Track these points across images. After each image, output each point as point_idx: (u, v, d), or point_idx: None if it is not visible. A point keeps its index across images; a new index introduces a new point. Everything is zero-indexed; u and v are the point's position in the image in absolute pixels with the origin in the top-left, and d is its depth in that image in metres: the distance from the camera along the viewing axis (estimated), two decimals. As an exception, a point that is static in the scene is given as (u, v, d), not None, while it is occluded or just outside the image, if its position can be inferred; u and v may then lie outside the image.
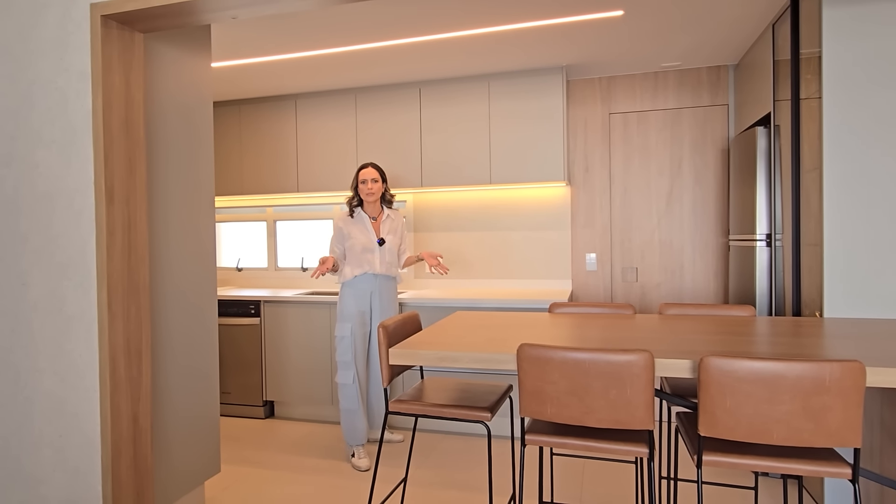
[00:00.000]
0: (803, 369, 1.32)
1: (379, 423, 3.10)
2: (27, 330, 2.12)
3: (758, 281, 2.88)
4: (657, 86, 3.76)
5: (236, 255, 4.64)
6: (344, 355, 3.03)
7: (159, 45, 2.29)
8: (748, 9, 2.74)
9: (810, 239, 2.44)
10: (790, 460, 1.39)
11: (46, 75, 2.07)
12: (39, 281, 2.10)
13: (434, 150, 3.80)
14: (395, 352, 1.69)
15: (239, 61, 3.38)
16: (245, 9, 1.96)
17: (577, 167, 3.92)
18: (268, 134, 4.19)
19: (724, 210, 3.67)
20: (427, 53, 3.30)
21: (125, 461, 2.06)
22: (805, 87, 2.48)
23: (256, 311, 3.79)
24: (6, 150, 2.13)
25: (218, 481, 2.84)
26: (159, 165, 2.29)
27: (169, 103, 2.34)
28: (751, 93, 3.25)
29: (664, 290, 3.80)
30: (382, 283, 3.11)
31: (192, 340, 2.45)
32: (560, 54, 3.37)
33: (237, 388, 3.87)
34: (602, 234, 3.89)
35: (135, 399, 2.11)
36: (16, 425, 2.15)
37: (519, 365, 1.56)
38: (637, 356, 1.44)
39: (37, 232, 2.10)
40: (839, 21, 2.25)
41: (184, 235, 2.41)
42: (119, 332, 2.04)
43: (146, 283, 2.15)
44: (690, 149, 3.73)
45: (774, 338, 1.74)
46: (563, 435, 1.61)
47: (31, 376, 2.12)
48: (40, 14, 2.07)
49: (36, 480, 2.13)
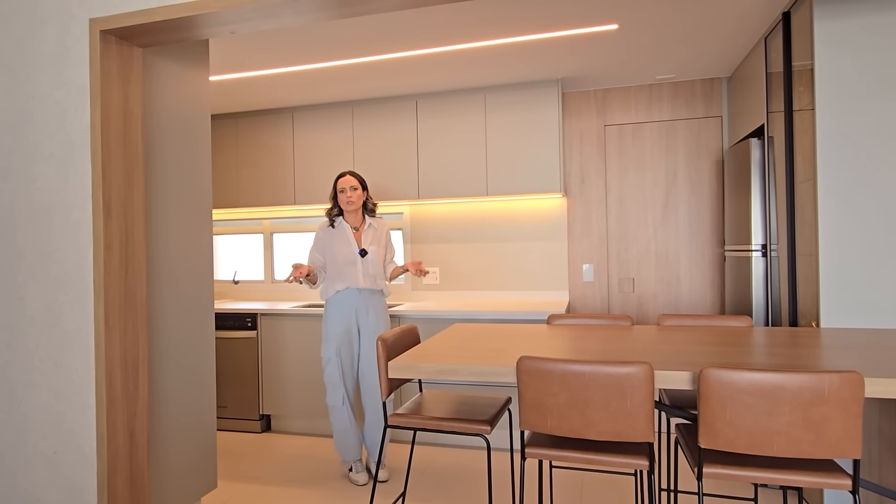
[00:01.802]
0: (803, 380, 1.32)
1: (374, 441, 3.02)
2: (23, 345, 2.11)
3: (754, 291, 2.89)
4: (651, 98, 3.80)
5: (233, 268, 4.63)
6: (331, 377, 2.95)
7: (158, 60, 2.30)
8: (741, 23, 2.78)
9: (805, 249, 2.46)
10: (790, 472, 1.39)
11: (45, 89, 2.07)
12: (36, 295, 2.09)
13: (431, 163, 3.82)
14: (395, 365, 1.68)
15: (236, 75, 3.40)
16: (243, 24, 1.98)
17: (573, 178, 3.95)
18: (265, 146, 4.20)
19: (719, 220, 3.70)
20: (424, 67, 3.33)
21: (121, 477, 2.04)
22: (798, 98, 2.51)
23: (253, 325, 3.78)
24: (4, 165, 2.13)
25: (215, 497, 2.81)
26: (157, 179, 2.29)
27: (167, 117, 2.35)
28: (744, 105, 3.29)
29: (661, 300, 3.81)
30: (368, 298, 2.98)
31: (189, 354, 2.44)
32: (555, 67, 3.40)
33: (233, 401, 3.84)
34: (598, 244, 3.90)
35: (131, 414, 2.09)
36: (11, 441, 2.13)
37: (519, 378, 1.56)
38: (637, 368, 1.44)
39: (34, 246, 2.09)
40: (830, 34, 2.29)
41: (181, 249, 2.41)
42: (116, 346, 2.03)
43: (143, 297, 2.15)
44: (685, 160, 3.75)
45: (772, 348, 1.75)
46: (563, 448, 1.61)
47: (26, 391, 2.11)
48: (39, 29, 2.08)
49: (32, 497, 2.10)
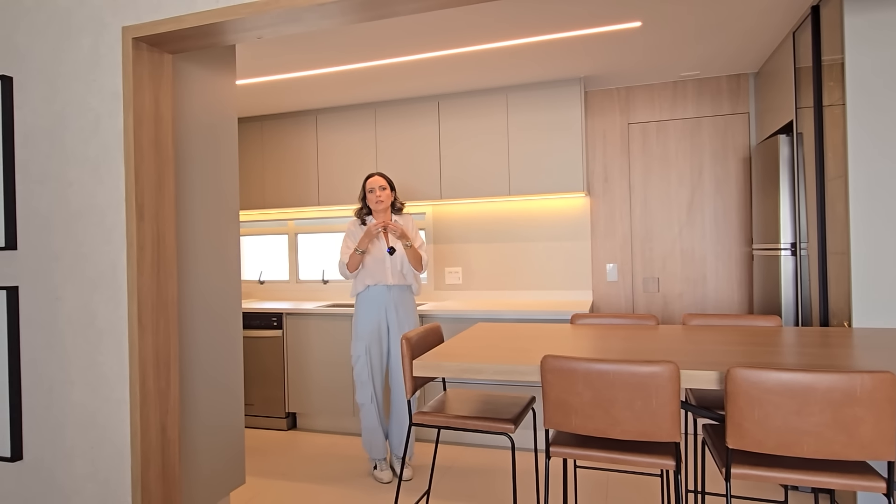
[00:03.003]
0: (833, 380, 1.30)
1: (401, 439, 3.06)
2: (60, 343, 2.18)
3: (783, 290, 2.84)
4: (676, 95, 3.75)
5: (258, 268, 4.71)
6: (360, 375, 3.00)
7: (187, 65, 2.36)
8: (767, 18, 2.73)
9: (837, 247, 2.40)
10: (822, 473, 1.37)
11: (80, 96, 2.14)
12: (72, 295, 2.16)
13: (453, 163, 3.83)
14: (419, 363, 1.70)
15: (261, 78, 3.46)
16: (270, 29, 2.02)
17: (595, 177, 3.92)
18: (289, 148, 4.26)
19: (746, 219, 3.63)
20: (445, 67, 3.34)
21: (154, 472, 2.10)
22: (828, 94, 2.46)
23: (279, 324, 3.84)
24: (41, 169, 2.21)
25: (243, 492, 2.87)
26: (186, 181, 2.35)
27: (196, 121, 2.41)
28: (772, 101, 3.23)
29: (686, 300, 3.76)
30: (397, 295, 3.04)
31: (218, 353, 2.49)
32: (578, 66, 3.38)
33: (259, 399, 3.91)
34: (622, 244, 3.87)
35: (163, 410, 2.15)
36: (50, 436, 2.20)
37: (543, 377, 1.56)
38: (663, 367, 1.44)
39: (70, 248, 2.17)
40: (861, 27, 2.24)
41: (210, 250, 2.46)
42: (148, 344, 2.08)
43: (174, 296, 2.20)
44: (711, 158, 3.70)
45: (802, 348, 1.72)
46: (588, 447, 1.60)
47: (63, 388, 2.18)
48: (75, 38, 2.15)
49: (70, 491, 2.18)
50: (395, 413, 3.06)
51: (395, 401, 3.06)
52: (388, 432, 3.10)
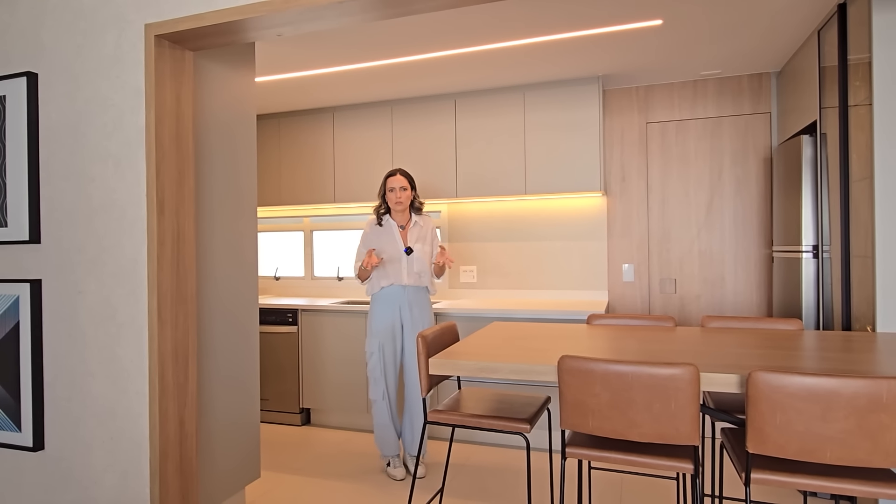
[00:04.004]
0: (858, 386, 1.27)
1: (414, 437, 3.06)
2: (82, 336, 2.22)
3: (804, 293, 2.79)
4: (696, 94, 3.71)
5: (274, 264, 4.75)
6: (373, 371, 3.00)
7: (207, 63, 2.38)
8: (791, 16, 2.69)
9: (860, 251, 2.36)
10: (844, 480, 1.35)
11: (103, 92, 2.17)
12: (94, 289, 2.19)
13: (469, 161, 3.83)
14: (435, 361, 1.70)
15: (280, 76, 3.48)
16: (290, 26, 2.02)
17: (613, 177, 3.89)
18: (306, 145, 4.28)
19: (766, 221, 3.58)
20: (462, 66, 3.33)
21: (172, 464, 2.12)
22: (854, 94, 2.41)
23: (294, 320, 3.87)
24: (65, 165, 2.24)
25: (258, 486, 2.90)
26: (205, 178, 2.37)
27: (215, 118, 2.43)
28: (796, 100, 3.17)
29: (704, 302, 3.72)
30: (412, 295, 3.03)
31: (235, 348, 2.51)
32: (596, 64, 3.35)
33: (274, 394, 3.94)
34: (639, 244, 3.83)
35: (181, 403, 2.17)
36: (71, 428, 2.24)
37: (560, 377, 1.55)
38: (682, 370, 1.42)
39: (92, 242, 2.20)
40: (889, 27, 2.19)
41: (228, 246, 2.49)
42: (167, 338, 2.11)
43: (193, 291, 2.23)
44: (731, 158, 3.65)
45: (824, 353, 1.69)
46: (604, 448, 1.59)
47: (85, 380, 2.21)
48: (98, 35, 2.18)
49: (89, 482, 2.21)
50: (409, 411, 3.06)
51: (409, 399, 3.06)
52: (401, 430, 3.11)
